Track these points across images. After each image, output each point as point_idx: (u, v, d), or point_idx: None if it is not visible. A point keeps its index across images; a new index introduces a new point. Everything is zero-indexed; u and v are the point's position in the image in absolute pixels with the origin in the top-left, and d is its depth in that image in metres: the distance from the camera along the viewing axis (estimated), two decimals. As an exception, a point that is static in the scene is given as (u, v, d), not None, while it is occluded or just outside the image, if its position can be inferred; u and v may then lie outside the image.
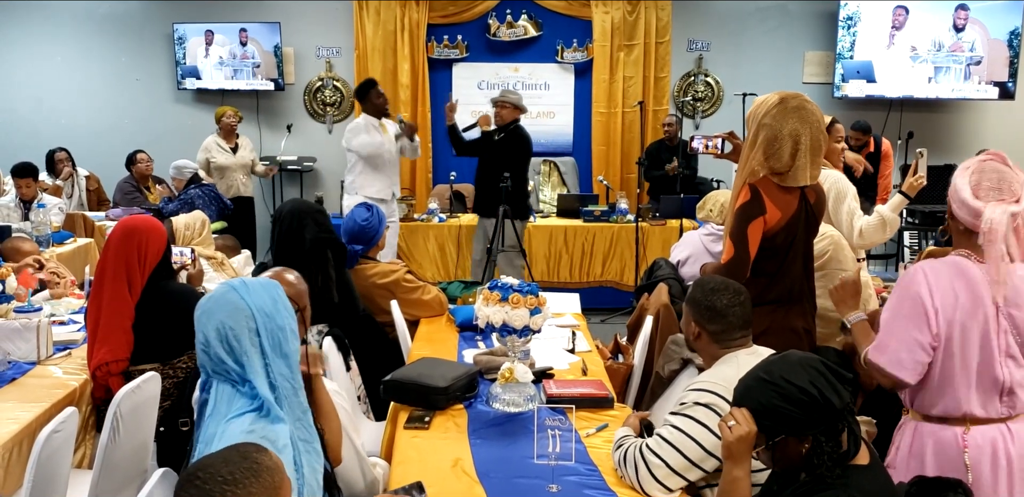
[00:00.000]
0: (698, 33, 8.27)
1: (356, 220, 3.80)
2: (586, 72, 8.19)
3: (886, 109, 8.08)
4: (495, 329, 2.66)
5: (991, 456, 2.08)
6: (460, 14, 8.09)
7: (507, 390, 2.70)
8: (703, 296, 2.36)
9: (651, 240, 6.76)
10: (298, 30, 8.12)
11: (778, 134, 2.77)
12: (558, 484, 2.14)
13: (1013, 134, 8.13)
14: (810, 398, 1.70)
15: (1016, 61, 7.84)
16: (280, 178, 8.18)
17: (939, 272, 2.11)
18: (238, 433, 1.66)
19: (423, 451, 2.37)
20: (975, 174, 2.13)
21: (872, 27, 7.85)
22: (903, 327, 2.11)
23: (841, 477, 1.69)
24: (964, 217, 2.11)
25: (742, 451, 1.78)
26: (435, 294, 3.80)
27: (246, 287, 1.86)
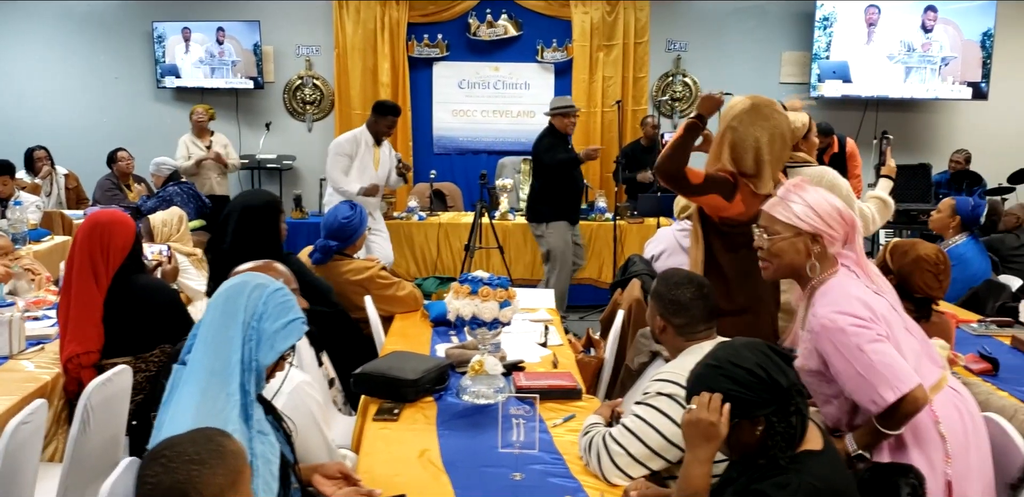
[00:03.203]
0: (676, 33, 8.34)
1: (338, 217, 3.82)
2: (566, 72, 8.24)
3: (861, 109, 8.17)
4: (465, 322, 2.70)
5: (958, 417, 2.13)
6: (440, 13, 8.13)
7: (476, 382, 2.73)
8: (667, 290, 2.41)
9: (629, 238, 6.81)
10: (277, 28, 8.13)
11: (743, 140, 2.84)
12: (523, 472, 2.18)
13: (986, 134, 8.25)
14: (757, 379, 1.74)
15: (989, 62, 7.95)
16: (259, 176, 8.18)
17: (834, 298, 2.13)
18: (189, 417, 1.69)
19: (391, 442, 2.40)
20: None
21: (848, 28, 7.95)
22: (876, 353, 2.05)
23: (795, 462, 1.74)
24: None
25: (693, 435, 1.82)
26: (410, 290, 3.83)
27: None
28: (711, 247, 3.01)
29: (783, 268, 2.24)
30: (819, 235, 2.16)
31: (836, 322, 2.07)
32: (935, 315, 2.99)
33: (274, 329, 1.88)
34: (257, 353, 1.86)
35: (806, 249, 2.17)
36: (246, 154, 8.05)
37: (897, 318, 2.16)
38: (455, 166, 8.03)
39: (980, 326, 3.71)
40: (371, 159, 5.80)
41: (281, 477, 1.90)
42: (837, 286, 2.14)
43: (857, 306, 2.09)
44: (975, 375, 3.04)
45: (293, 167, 8.21)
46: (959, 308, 4.02)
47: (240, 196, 3.70)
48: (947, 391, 2.16)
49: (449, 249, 6.70)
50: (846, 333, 2.06)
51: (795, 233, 2.18)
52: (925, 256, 2.93)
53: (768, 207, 2.25)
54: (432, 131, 8.23)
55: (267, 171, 8.15)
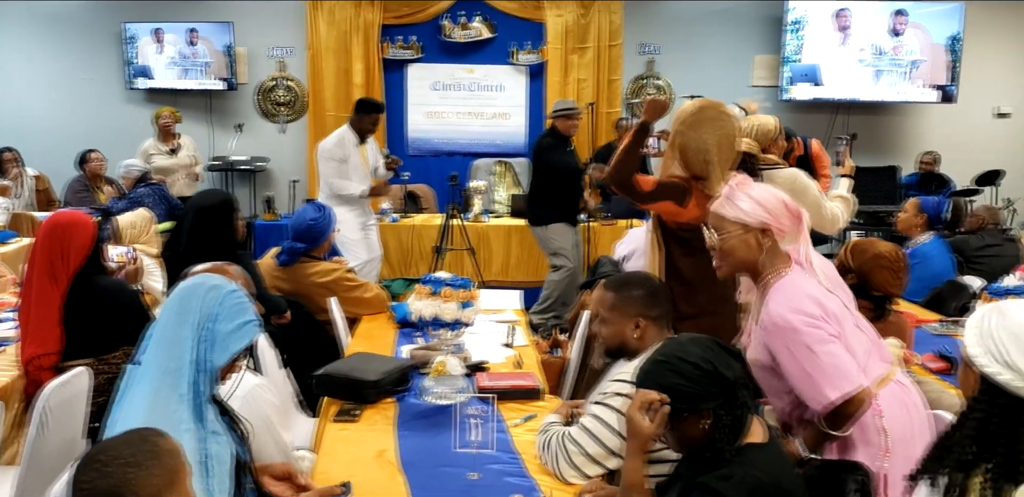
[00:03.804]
0: (649, 36, 8.38)
1: (305, 218, 3.81)
2: (539, 74, 8.26)
3: (831, 112, 8.25)
4: (427, 323, 2.71)
5: (902, 411, 2.16)
6: (414, 15, 8.12)
7: (438, 383, 2.74)
8: (632, 288, 2.44)
9: (601, 240, 6.82)
10: (250, 30, 8.10)
11: (690, 143, 2.87)
12: (479, 472, 2.19)
13: (954, 136, 8.35)
14: (704, 372, 1.78)
15: (956, 65, 8.05)
16: (231, 178, 8.14)
17: (788, 294, 2.17)
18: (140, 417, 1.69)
19: (349, 443, 2.41)
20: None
21: (818, 31, 8.02)
22: (825, 353, 2.09)
23: (739, 455, 1.77)
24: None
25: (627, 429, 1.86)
26: (376, 292, 3.84)
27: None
28: (670, 252, 3.04)
29: (736, 265, 2.27)
30: (768, 228, 2.19)
31: (788, 320, 2.10)
32: (893, 314, 3.03)
33: (228, 330, 1.89)
34: (211, 354, 1.86)
35: (757, 244, 2.21)
36: (218, 156, 8.02)
37: (848, 315, 2.20)
38: (429, 168, 8.02)
39: (941, 326, 3.76)
40: (359, 158, 5.81)
41: (236, 477, 1.91)
42: (791, 283, 2.17)
43: (810, 304, 2.12)
44: (932, 374, 3.09)
45: (266, 169, 8.18)
46: (921, 308, 4.08)
47: (195, 197, 3.71)
48: (893, 385, 2.20)
49: (421, 251, 6.70)
50: (798, 331, 2.09)
51: (744, 229, 2.21)
52: (884, 253, 2.97)
53: (715, 207, 2.28)
54: (406, 133, 8.23)
55: (239, 173, 8.11)
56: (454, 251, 6.15)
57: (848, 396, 2.05)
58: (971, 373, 1.53)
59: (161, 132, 7.22)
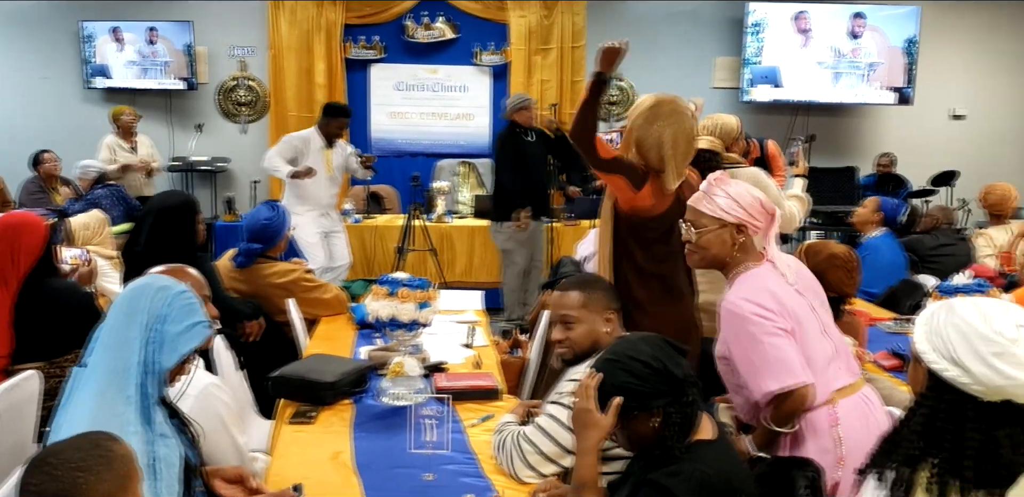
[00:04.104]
0: (612, 38, 8.33)
1: (259, 218, 3.78)
2: (503, 75, 8.26)
3: (791, 113, 8.35)
4: (384, 323, 2.70)
5: (862, 424, 2.18)
6: (377, 15, 8.09)
7: (396, 384, 2.73)
8: (597, 285, 2.46)
9: (565, 240, 6.84)
10: (211, 29, 8.01)
11: (645, 138, 2.88)
12: (435, 473, 2.19)
13: (910, 138, 8.49)
14: (653, 370, 1.80)
15: (913, 68, 8.18)
16: (191, 178, 8.05)
17: (749, 285, 2.21)
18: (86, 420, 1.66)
19: (305, 445, 2.39)
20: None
21: (778, 33, 8.11)
22: (772, 346, 2.13)
23: (688, 451, 1.78)
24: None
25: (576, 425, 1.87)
26: (335, 293, 3.81)
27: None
28: (625, 243, 3.04)
29: (710, 259, 2.31)
30: (744, 225, 2.22)
31: (741, 308, 2.15)
32: (846, 315, 3.07)
33: (177, 332, 1.87)
34: (159, 355, 1.84)
35: (732, 240, 2.24)
36: (178, 156, 7.92)
37: (814, 319, 2.22)
38: (393, 168, 7.98)
39: (894, 324, 3.83)
40: (321, 161, 5.80)
41: (186, 481, 1.89)
42: (754, 276, 2.22)
43: (766, 297, 2.16)
44: (885, 371, 3.14)
45: (227, 169, 8.09)
46: (875, 307, 4.14)
47: (156, 197, 3.67)
48: (857, 398, 2.22)
49: (384, 252, 6.67)
50: (748, 321, 2.13)
51: (720, 225, 2.24)
52: (838, 254, 3.03)
53: (693, 201, 2.32)
54: (369, 133, 8.19)
55: (199, 173, 8.02)
56: (416, 252, 6.13)
57: (787, 389, 2.09)
58: (920, 369, 1.55)
59: (122, 130, 7.11)
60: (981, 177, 6.24)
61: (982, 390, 1.43)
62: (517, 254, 6.04)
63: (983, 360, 1.42)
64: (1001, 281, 4.16)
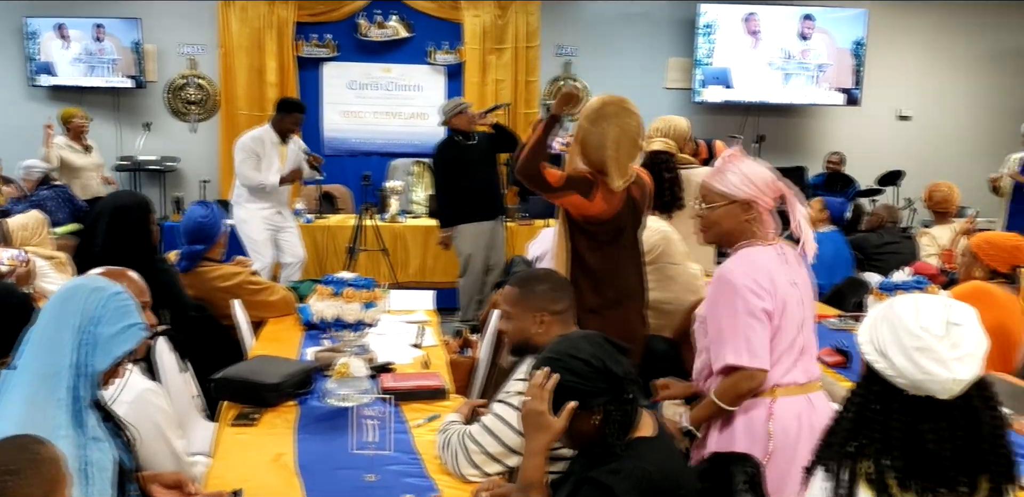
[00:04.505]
0: (566, 38, 8.44)
1: (194, 218, 3.71)
2: (457, 74, 8.25)
3: (742, 114, 8.45)
4: (329, 324, 2.68)
5: (796, 425, 2.22)
6: (329, 13, 8.03)
7: (341, 385, 2.71)
8: (537, 284, 2.46)
9: (519, 240, 6.86)
10: (159, 26, 7.88)
11: (590, 138, 2.91)
12: (378, 473, 2.18)
13: (858, 138, 8.65)
14: (594, 369, 1.80)
15: (861, 69, 8.33)
16: (138, 178, 7.91)
17: (751, 259, 2.25)
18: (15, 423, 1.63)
19: (247, 447, 2.36)
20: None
21: (729, 35, 8.20)
22: (747, 324, 2.17)
23: (628, 448, 1.79)
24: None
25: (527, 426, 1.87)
26: (282, 295, 3.77)
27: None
28: (577, 246, 3.06)
29: (720, 235, 2.34)
30: (754, 202, 2.24)
31: (735, 279, 2.19)
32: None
33: (110, 334, 1.83)
34: (92, 358, 1.81)
35: (743, 216, 2.27)
36: (126, 155, 7.78)
37: (798, 313, 2.25)
38: (346, 168, 7.91)
39: (839, 321, 3.89)
40: (277, 156, 5.76)
41: (120, 485, 1.85)
42: (759, 252, 2.25)
43: (763, 275, 2.20)
44: (829, 368, 3.19)
45: (176, 169, 7.97)
46: (821, 304, 4.20)
47: (109, 197, 3.59)
48: (802, 399, 2.25)
49: (336, 252, 6.63)
50: (737, 292, 2.18)
51: (730, 201, 2.27)
52: None
53: (706, 178, 2.35)
54: (322, 132, 8.12)
55: (148, 173, 7.88)
56: (368, 252, 6.09)
57: (741, 366, 2.14)
58: (863, 362, 1.58)
59: (72, 132, 6.96)
60: (927, 176, 6.37)
61: (906, 383, 1.45)
62: (474, 258, 6.00)
63: (906, 354, 1.45)
64: (942, 278, 4.26)
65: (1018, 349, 3.26)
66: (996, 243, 3.60)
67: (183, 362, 3.06)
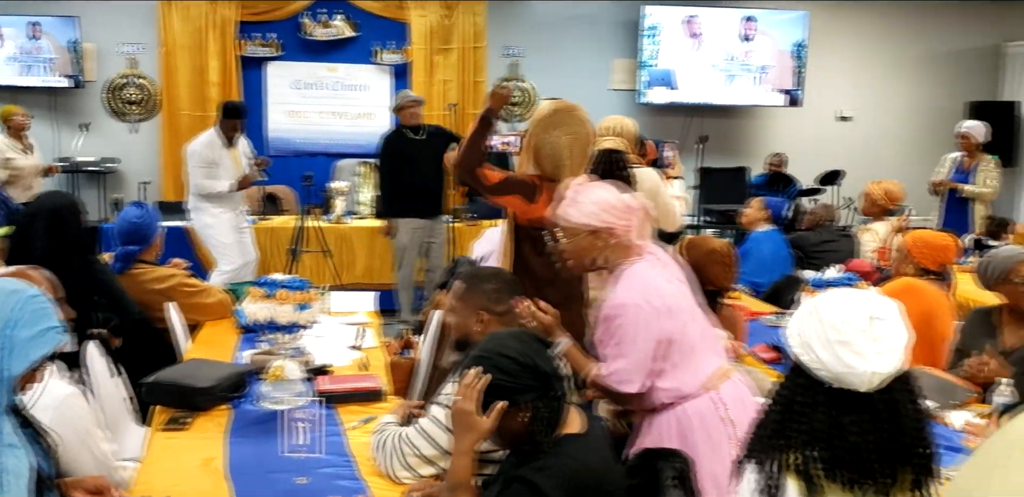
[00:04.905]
0: (513, 39, 8.46)
1: (128, 219, 3.65)
2: (404, 74, 8.21)
3: (686, 115, 8.54)
4: (262, 326, 2.65)
5: (741, 406, 2.27)
6: (273, 12, 7.93)
7: (276, 388, 2.67)
8: (483, 282, 2.46)
9: (465, 241, 6.84)
10: (98, 25, 7.72)
11: (542, 145, 2.92)
12: (309, 476, 2.16)
13: (799, 138, 8.80)
14: (522, 366, 1.82)
15: (802, 71, 8.48)
16: (76, 179, 7.74)
17: (643, 276, 2.28)
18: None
19: (176, 452, 2.32)
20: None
21: (672, 37, 8.29)
22: (636, 350, 2.25)
23: (556, 445, 1.80)
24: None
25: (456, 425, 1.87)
26: (219, 297, 3.72)
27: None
28: (522, 250, 3.08)
29: (584, 265, 2.36)
30: (612, 228, 2.26)
31: (623, 304, 2.24)
32: (725, 309, 3.17)
33: (27, 337, 1.79)
34: (8, 362, 1.76)
35: (603, 243, 2.28)
36: (64, 156, 7.60)
37: (688, 307, 2.29)
38: (291, 169, 7.82)
39: (775, 318, 3.95)
40: (230, 160, 5.74)
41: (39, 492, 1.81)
42: (636, 272, 2.28)
43: (649, 294, 2.23)
44: (764, 364, 3.24)
45: (116, 170, 7.81)
46: (758, 301, 4.27)
47: (41, 199, 3.51)
48: (733, 381, 2.32)
49: (279, 254, 6.55)
50: (625, 315, 2.23)
51: (588, 231, 2.28)
52: (717, 248, 3.15)
53: (559, 211, 2.35)
54: (266, 133, 8.02)
55: (86, 174, 7.71)
56: (312, 253, 6.04)
57: (609, 384, 2.25)
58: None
59: (13, 131, 6.77)
60: (866, 176, 6.50)
61: (828, 376, 1.48)
62: (407, 255, 6.07)
63: (828, 346, 1.47)
64: (877, 275, 4.35)
65: (946, 344, 3.34)
66: (928, 242, 3.69)
67: (115, 366, 3.01)
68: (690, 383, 2.28)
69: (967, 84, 9.03)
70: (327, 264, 6.35)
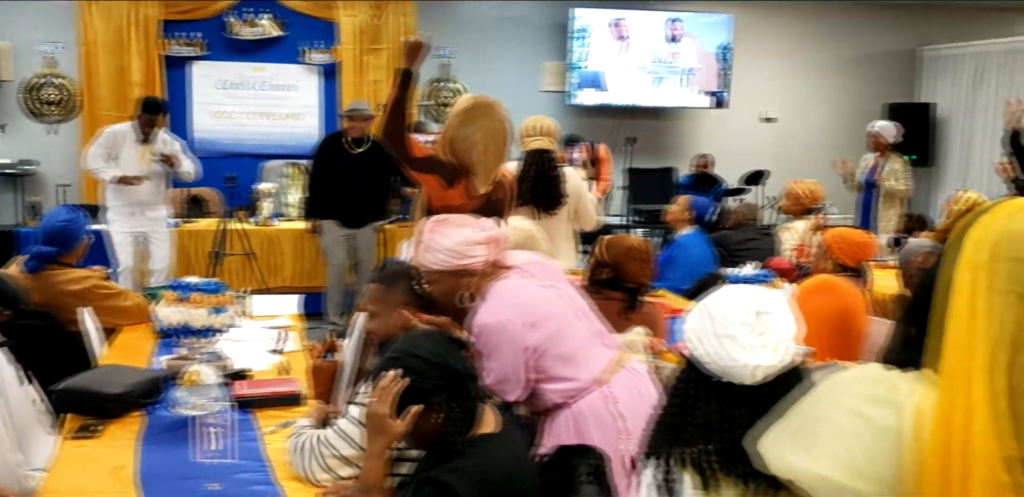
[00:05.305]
0: (444, 40, 8.43)
1: (56, 220, 3.56)
2: (333, 74, 8.14)
3: (615, 116, 8.63)
4: (176, 330, 2.60)
5: (636, 397, 2.29)
6: (197, 11, 7.79)
7: (191, 393, 2.62)
8: (402, 280, 2.45)
9: (398, 242, 6.80)
10: (14, 23, 7.48)
11: (458, 140, 2.92)
12: (223, 482, 2.12)
13: (725, 139, 8.97)
14: (433, 366, 1.81)
15: (727, 73, 8.65)
16: (-10, 182, 7.50)
17: (508, 292, 2.30)
18: None
19: (85, 461, 2.26)
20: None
21: (601, 39, 8.38)
22: (503, 364, 2.26)
23: (469, 446, 1.80)
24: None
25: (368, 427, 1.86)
26: (136, 301, 3.63)
27: None
28: None
29: (455, 304, 2.35)
30: (469, 266, 2.28)
31: (489, 322, 2.24)
32: (645, 306, 3.21)
33: None
34: None
35: (466, 280, 2.30)
36: (-23, 158, 7.36)
37: (567, 306, 2.32)
38: (217, 170, 7.65)
39: (695, 315, 4.02)
40: (135, 156, 5.62)
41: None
42: (503, 289, 2.29)
43: (515, 311, 2.24)
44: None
45: (34, 173, 7.57)
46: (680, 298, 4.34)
47: None
48: (625, 372, 2.33)
49: (203, 258, 6.42)
50: (496, 333, 2.23)
51: (448, 274, 2.29)
52: (634, 246, 3.19)
53: (417, 258, 2.36)
54: (191, 133, 7.86)
55: (3, 177, 7.45)
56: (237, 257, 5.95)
57: (493, 393, 2.23)
58: None
59: None
60: (789, 176, 6.65)
61: (716, 369, 1.51)
62: (333, 255, 6.03)
63: (713, 340, 1.51)
64: (795, 273, 4.46)
65: (862, 339, 3.44)
66: (847, 238, 3.79)
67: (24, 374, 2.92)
68: (581, 380, 2.30)
69: (885, 86, 9.33)
70: (252, 267, 6.25)
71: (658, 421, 1.63)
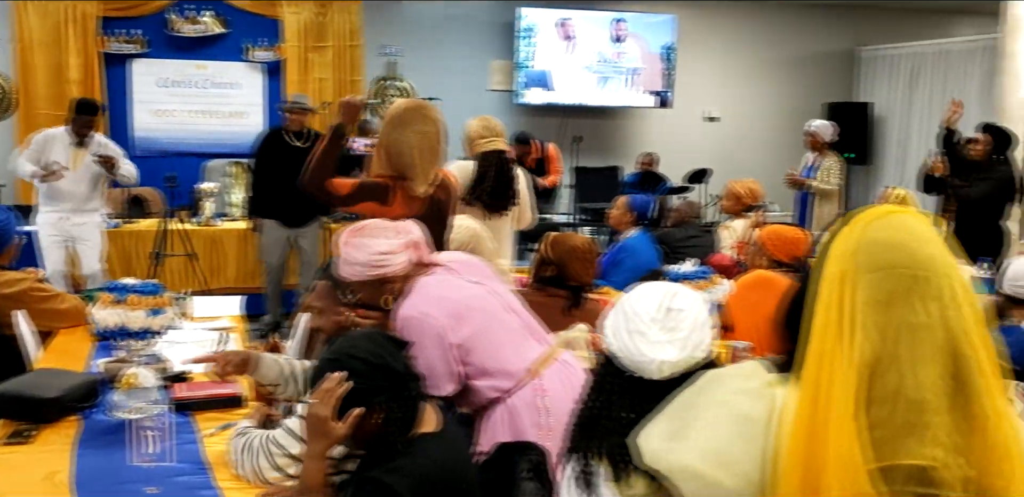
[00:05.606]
0: (390, 38, 8.42)
1: None
2: (277, 72, 8.06)
3: (562, 115, 8.69)
4: (113, 333, 2.56)
5: (565, 389, 2.30)
6: (136, 8, 7.66)
7: (129, 397, 2.58)
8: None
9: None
10: (-56, 18, 7.28)
11: (392, 143, 2.93)
12: (161, 486, 2.10)
13: (669, 138, 9.10)
14: (373, 366, 1.82)
15: (671, 73, 8.76)
16: (-78, 184, 7.28)
17: (429, 288, 2.32)
18: None
19: (17, 467, 2.21)
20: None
21: (547, 38, 8.43)
22: (428, 358, 2.22)
23: (411, 446, 1.81)
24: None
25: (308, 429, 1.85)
26: (73, 303, 3.56)
27: None
28: None
29: (383, 307, 2.34)
30: (388, 273, 2.29)
31: (411, 316, 2.24)
32: (589, 302, 3.25)
33: None
34: None
35: (388, 285, 2.31)
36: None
37: (495, 302, 2.35)
38: (158, 170, 7.53)
39: (640, 312, 4.08)
40: (67, 159, 5.46)
41: None
42: (425, 285, 2.30)
43: (437, 305, 2.25)
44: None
45: (-32, 173, 7.37)
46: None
47: None
48: (557, 365, 2.36)
49: (143, 259, 6.31)
50: (418, 327, 2.23)
51: (369, 285, 2.30)
52: (578, 245, 3.23)
53: (340, 272, 2.35)
54: (131, 132, 7.72)
55: (-66, 177, 7.25)
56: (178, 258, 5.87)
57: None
58: None
59: None
60: (731, 174, 6.77)
61: (628, 364, 1.55)
62: (269, 254, 5.99)
63: (625, 336, 1.54)
64: (736, 269, 4.54)
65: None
66: (781, 235, 3.88)
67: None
68: (512, 374, 2.31)
69: (824, 86, 9.54)
70: (194, 268, 6.16)
71: (578, 415, 1.66)
